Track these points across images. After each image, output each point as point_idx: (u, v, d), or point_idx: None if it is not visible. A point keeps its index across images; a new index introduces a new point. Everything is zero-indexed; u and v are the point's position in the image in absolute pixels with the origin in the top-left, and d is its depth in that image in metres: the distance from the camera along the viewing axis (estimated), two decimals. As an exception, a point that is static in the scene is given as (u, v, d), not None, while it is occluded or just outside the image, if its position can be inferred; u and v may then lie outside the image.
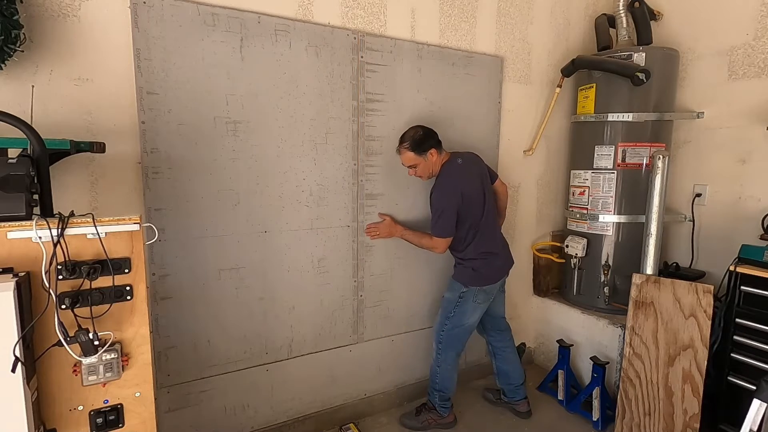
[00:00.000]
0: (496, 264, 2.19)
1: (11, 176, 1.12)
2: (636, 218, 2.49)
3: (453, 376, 2.26)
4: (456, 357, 2.24)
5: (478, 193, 2.13)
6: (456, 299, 2.16)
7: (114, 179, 1.69)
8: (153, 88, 1.69)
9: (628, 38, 2.59)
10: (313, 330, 2.18)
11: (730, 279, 2.03)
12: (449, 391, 2.27)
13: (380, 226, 2.25)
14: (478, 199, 2.12)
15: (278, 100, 1.94)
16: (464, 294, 2.15)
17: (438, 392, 2.26)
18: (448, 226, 2.06)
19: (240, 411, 2.04)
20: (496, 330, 2.40)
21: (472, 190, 2.10)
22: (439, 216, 2.06)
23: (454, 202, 2.04)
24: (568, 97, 2.84)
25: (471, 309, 2.16)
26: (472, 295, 2.14)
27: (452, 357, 2.23)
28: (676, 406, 2.01)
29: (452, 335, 2.19)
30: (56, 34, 1.54)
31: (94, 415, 1.22)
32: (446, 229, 2.07)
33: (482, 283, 2.14)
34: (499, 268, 2.22)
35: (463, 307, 2.16)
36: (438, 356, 2.23)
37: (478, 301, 2.16)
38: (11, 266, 1.09)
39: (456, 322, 2.17)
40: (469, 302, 2.15)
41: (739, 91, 2.37)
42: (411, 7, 2.23)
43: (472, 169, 2.17)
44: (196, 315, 1.88)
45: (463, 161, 2.14)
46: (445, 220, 2.05)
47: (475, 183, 2.13)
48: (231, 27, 1.80)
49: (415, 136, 2.05)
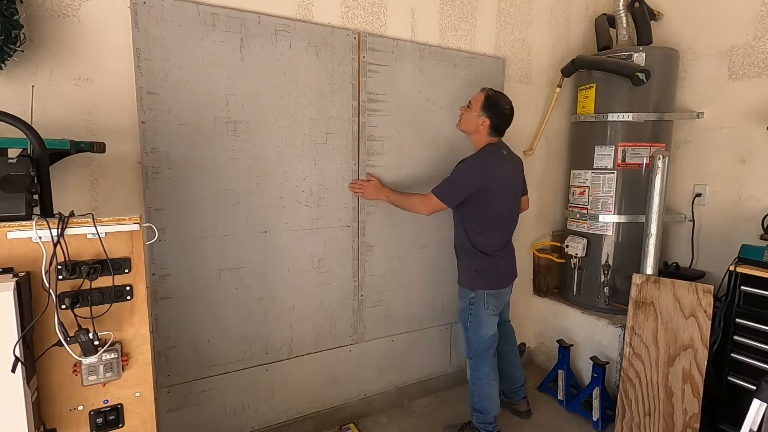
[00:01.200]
0: (501, 267, 2.10)
1: (11, 176, 1.12)
2: (636, 218, 2.49)
3: (491, 394, 2.08)
4: (491, 371, 2.09)
5: (505, 191, 2.05)
6: (468, 307, 2.08)
7: (114, 179, 1.68)
8: (153, 88, 1.69)
9: (628, 38, 2.59)
10: (313, 330, 2.18)
11: (730, 279, 2.04)
12: (489, 412, 2.08)
13: (366, 185, 2.15)
14: (503, 197, 2.05)
15: (278, 100, 1.94)
16: (474, 300, 2.06)
17: (477, 413, 2.11)
18: (452, 195, 1.97)
19: (240, 411, 2.04)
20: (502, 335, 2.30)
21: (500, 184, 2.01)
22: (450, 183, 1.98)
23: (472, 182, 1.94)
24: (568, 97, 2.84)
25: (486, 317, 2.05)
26: (482, 301, 2.05)
27: (486, 372, 2.07)
28: (676, 406, 2.01)
29: (479, 348, 2.07)
30: (56, 34, 1.54)
31: (94, 415, 1.22)
32: (448, 196, 1.96)
33: (488, 286, 2.05)
34: (505, 273, 2.13)
35: (477, 318, 2.06)
36: (471, 373, 2.11)
37: (491, 309, 2.06)
38: (11, 266, 1.09)
39: (475, 333, 2.07)
40: (481, 309, 2.05)
41: (739, 91, 2.37)
42: (411, 7, 2.23)
43: (511, 166, 2.11)
44: (196, 315, 1.88)
45: (508, 154, 2.10)
46: (453, 190, 1.97)
47: (506, 179, 2.05)
48: (231, 27, 1.80)
49: (489, 95, 2.01)
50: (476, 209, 2.01)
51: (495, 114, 2.01)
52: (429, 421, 2.37)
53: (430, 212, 2.04)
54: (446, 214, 2.48)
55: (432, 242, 2.46)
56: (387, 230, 2.31)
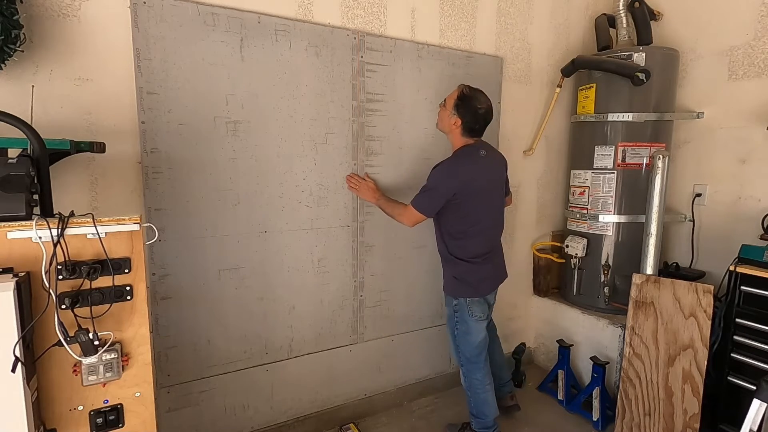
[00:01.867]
0: (482, 272, 2.01)
1: (11, 176, 1.12)
2: (636, 218, 2.49)
3: (488, 399, 2.05)
4: (484, 377, 2.06)
5: (484, 195, 1.98)
6: (453, 314, 2.06)
7: (114, 179, 1.69)
8: (153, 88, 1.69)
9: (628, 38, 2.59)
10: (313, 330, 2.18)
11: (730, 279, 2.04)
12: (487, 416, 2.06)
13: (362, 183, 2.11)
14: (482, 202, 1.97)
15: (278, 100, 1.94)
16: (457, 307, 2.03)
17: (476, 418, 2.09)
18: (429, 204, 1.90)
19: (240, 411, 2.04)
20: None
21: (477, 189, 1.93)
22: (426, 191, 1.91)
23: (448, 186, 1.87)
24: (568, 97, 2.84)
25: (473, 324, 2.01)
26: (465, 308, 2.01)
27: (480, 378, 2.05)
28: (676, 406, 2.01)
29: (469, 355, 2.05)
30: (56, 34, 1.54)
31: (94, 415, 1.22)
32: (425, 206, 1.90)
33: (471, 294, 2.00)
34: (488, 277, 2.05)
35: (463, 324, 2.03)
36: (465, 380, 2.10)
37: (477, 316, 2.01)
38: (11, 266, 1.09)
39: (464, 341, 2.04)
40: (466, 316, 2.01)
41: (739, 91, 2.37)
42: (411, 7, 2.23)
43: (490, 168, 2.02)
44: (196, 315, 1.88)
45: (487, 154, 1.97)
46: (429, 199, 1.90)
47: (484, 183, 1.97)
48: (231, 27, 1.80)
49: (463, 93, 1.90)
50: (453, 216, 1.95)
51: (468, 113, 1.90)
52: (429, 421, 2.38)
53: (412, 224, 1.97)
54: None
55: (431, 242, 2.44)
56: (386, 230, 2.31)
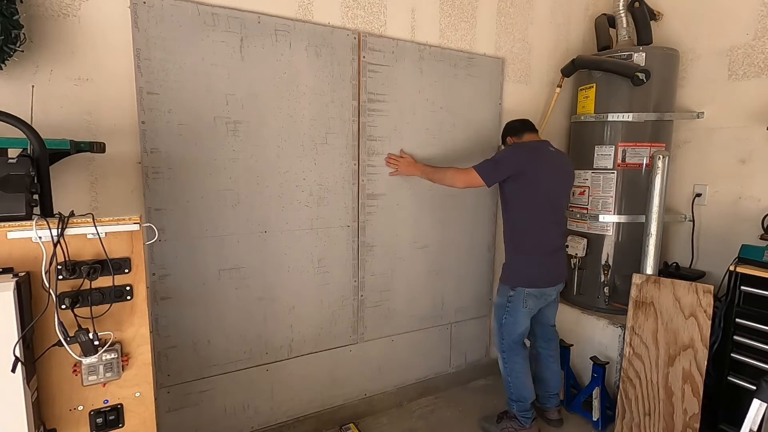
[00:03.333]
0: (545, 265, 2.08)
1: (11, 176, 1.12)
2: (636, 218, 2.49)
3: (527, 383, 2.15)
4: (523, 361, 2.15)
5: (552, 187, 2.05)
6: (505, 304, 2.10)
7: (114, 179, 1.68)
8: (153, 88, 1.69)
9: (628, 38, 2.59)
10: (313, 330, 2.18)
11: (730, 279, 2.04)
12: (526, 399, 2.15)
13: (400, 161, 2.21)
14: (551, 192, 2.05)
15: (278, 100, 1.94)
16: (512, 298, 2.07)
17: (515, 402, 2.16)
18: (491, 173, 2.00)
19: (240, 411, 2.04)
20: (545, 338, 2.30)
21: (546, 176, 2.01)
22: (491, 162, 2.03)
23: (515, 162, 1.99)
24: (568, 97, 2.84)
25: (522, 316, 2.08)
26: (521, 299, 2.05)
27: (519, 362, 2.13)
28: (676, 406, 2.02)
29: (511, 342, 2.12)
30: (56, 34, 1.54)
31: (94, 415, 1.22)
32: (487, 173, 2.00)
33: (529, 284, 2.05)
34: (548, 273, 2.09)
35: (513, 315, 2.08)
36: (505, 366, 2.16)
37: (530, 308, 2.08)
38: (11, 266, 1.09)
39: (509, 330, 2.11)
40: (519, 306, 2.06)
41: (739, 91, 2.37)
42: (411, 7, 2.23)
43: (559, 165, 2.10)
44: (196, 315, 1.88)
45: (556, 152, 2.11)
46: (493, 168, 2.00)
47: (552, 173, 2.05)
48: (231, 27, 1.80)
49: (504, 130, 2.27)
50: (520, 205, 2.05)
51: (505, 131, 2.26)
52: (429, 421, 2.37)
53: (465, 185, 2.07)
54: (451, 213, 2.50)
55: (432, 242, 2.46)
56: (387, 230, 2.31)
